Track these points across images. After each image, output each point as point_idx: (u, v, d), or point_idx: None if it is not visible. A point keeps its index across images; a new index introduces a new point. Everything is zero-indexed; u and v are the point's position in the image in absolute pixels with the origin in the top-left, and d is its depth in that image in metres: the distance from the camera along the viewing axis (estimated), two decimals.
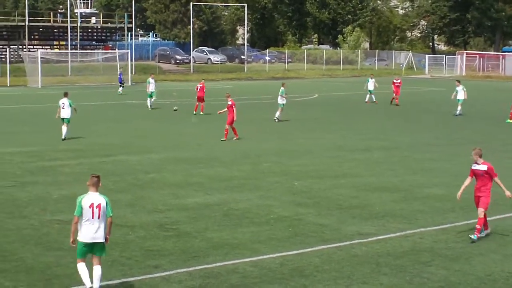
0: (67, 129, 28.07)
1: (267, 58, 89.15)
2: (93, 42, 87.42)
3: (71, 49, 75.68)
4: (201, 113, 37.98)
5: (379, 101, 46.95)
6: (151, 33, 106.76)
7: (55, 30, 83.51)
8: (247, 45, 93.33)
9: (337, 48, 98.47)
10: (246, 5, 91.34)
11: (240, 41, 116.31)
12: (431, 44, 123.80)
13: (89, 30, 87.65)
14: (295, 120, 36.45)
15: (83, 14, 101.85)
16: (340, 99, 51.38)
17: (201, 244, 14.11)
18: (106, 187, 11.25)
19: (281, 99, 35.60)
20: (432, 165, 23.78)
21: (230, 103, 28.71)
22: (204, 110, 38.08)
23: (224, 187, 19.64)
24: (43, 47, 78.68)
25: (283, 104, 35.51)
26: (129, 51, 68.15)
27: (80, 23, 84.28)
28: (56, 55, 72.27)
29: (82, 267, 11.14)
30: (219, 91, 52.00)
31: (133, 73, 68.49)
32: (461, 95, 40.21)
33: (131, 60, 67.79)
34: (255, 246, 14.03)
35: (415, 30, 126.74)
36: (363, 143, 28.73)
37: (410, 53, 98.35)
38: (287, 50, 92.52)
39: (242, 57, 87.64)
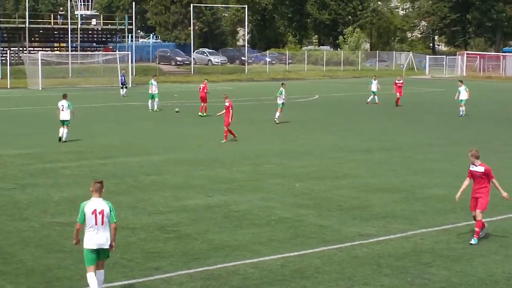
0: (67, 131, 28.06)
1: (268, 59, 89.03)
2: (94, 44, 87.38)
3: (71, 51, 75.71)
4: (204, 113, 37.98)
5: (380, 101, 46.87)
6: (151, 34, 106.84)
7: (55, 32, 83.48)
8: (247, 46, 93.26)
9: (338, 49, 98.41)
10: (246, 6, 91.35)
11: (240, 42, 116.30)
12: (431, 44, 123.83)
13: (90, 32, 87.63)
14: (295, 121, 36.42)
15: (83, 16, 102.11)
16: (341, 100, 51.34)
17: (201, 246, 14.09)
18: (107, 189, 11.24)
19: (279, 99, 35.59)
20: (434, 165, 23.75)
21: (227, 104, 28.68)
22: (207, 111, 38.07)
23: (225, 188, 19.62)
24: (43, 49, 78.69)
25: (281, 104, 35.45)
26: (129, 52, 68.06)
27: (81, 25, 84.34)
28: (56, 57, 72.23)
29: (91, 277, 10.94)
30: (219, 92, 51.88)
31: (134, 74, 68.44)
32: (463, 95, 39.97)
33: (132, 62, 67.74)
34: (256, 248, 14.01)
35: (416, 31, 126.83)
36: (363, 144, 28.70)
37: (411, 54, 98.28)
38: (287, 51, 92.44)
39: (243, 58, 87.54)
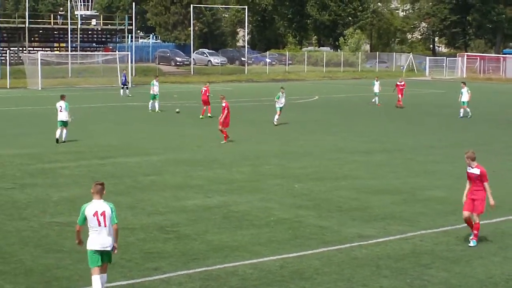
0: (66, 132, 27.98)
1: (268, 60, 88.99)
2: (93, 44, 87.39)
3: (71, 51, 75.66)
4: (209, 114, 37.98)
5: (381, 103, 46.85)
6: (151, 35, 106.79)
7: (55, 32, 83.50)
8: (247, 47, 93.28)
9: (338, 50, 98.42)
10: (246, 7, 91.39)
11: (240, 43, 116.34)
12: (431, 46, 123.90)
13: (89, 32, 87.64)
14: (295, 122, 36.40)
15: (83, 16, 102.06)
16: (341, 101, 51.32)
17: (201, 247, 14.07)
18: (106, 189, 11.20)
19: (277, 103, 35.46)
20: (435, 167, 23.71)
21: (224, 105, 28.64)
22: (211, 112, 38.04)
23: (224, 189, 19.60)
24: (43, 49, 78.67)
25: (279, 107, 35.34)
26: (129, 53, 68.08)
27: (81, 25, 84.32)
28: (56, 57, 72.21)
29: (96, 279, 10.86)
30: (219, 93, 51.78)
31: (134, 75, 68.43)
32: (465, 97, 39.88)
33: (132, 62, 67.74)
34: (255, 249, 13.99)
35: (416, 32, 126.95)
36: (364, 145, 28.67)
37: (411, 55, 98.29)
38: (287, 52, 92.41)
39: (243, 59, 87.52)
